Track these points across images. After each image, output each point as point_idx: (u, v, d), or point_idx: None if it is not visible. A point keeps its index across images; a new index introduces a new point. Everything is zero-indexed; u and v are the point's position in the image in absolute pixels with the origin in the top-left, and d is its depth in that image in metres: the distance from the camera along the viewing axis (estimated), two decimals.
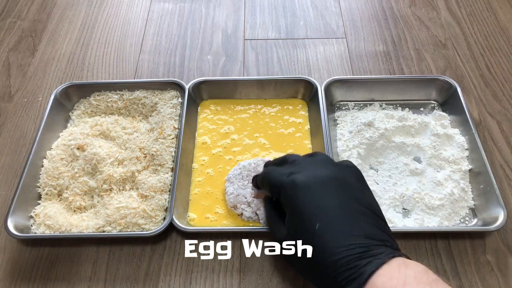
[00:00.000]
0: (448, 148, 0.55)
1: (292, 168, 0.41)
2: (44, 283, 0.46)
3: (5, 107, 0.63)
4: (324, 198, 0.37)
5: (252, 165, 0.51)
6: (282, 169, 0.42)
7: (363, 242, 0.34)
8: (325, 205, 0.37)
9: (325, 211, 0.36)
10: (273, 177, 0.42)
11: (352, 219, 0.36)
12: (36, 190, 0.52)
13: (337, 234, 0.35)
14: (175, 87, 0.61)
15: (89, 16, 0.77)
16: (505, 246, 0.48)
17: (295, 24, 0.75)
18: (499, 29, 0.72)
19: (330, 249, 0.34)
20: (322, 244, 0.35)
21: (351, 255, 0.34)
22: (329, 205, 0.37)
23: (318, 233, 0.35)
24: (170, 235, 0.49)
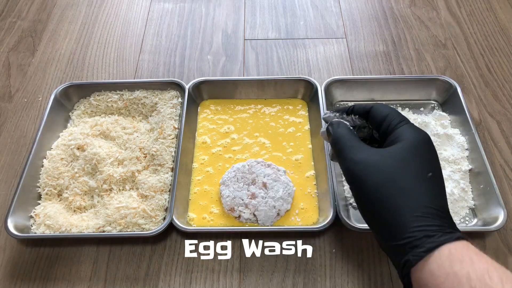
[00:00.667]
0: (448, 148, 0.55)
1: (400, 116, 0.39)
2: (44, 283, 0.46)
3: (5, 107, 0.63)
4: (432, 155, 0.36)
5: (246, 167, 0.51)
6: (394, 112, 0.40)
7: (435, 212, 0.33)
8: (435, 163, 0.36)
9: (434, 164, 0.35)
10: (390, 112, 0.39)
11: (419, 187, 0.34)
12: (36, 190, 0.52)
13: (420, 202, 0.33)
14: (175, 87, 0.61)
15: (89, 16, 0.77)
16: (505, 246, 0.48)
17: (295, 24, 0.75)
18: (499, 29, 0.72)
19: (406, 210, 0.33)
20: (429, 192, 0.34)
21: (423, 226, 0.32)
22: (436, 165, 0.36)
23: (431, 179, 0.34)
24: (170, 235, 0.49)
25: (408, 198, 0.33)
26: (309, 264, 0.47)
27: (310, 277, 0.46)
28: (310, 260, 0.47)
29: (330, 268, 0.47)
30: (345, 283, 0.46)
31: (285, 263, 0.47)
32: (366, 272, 0.46)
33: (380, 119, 0.39)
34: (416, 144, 0.36)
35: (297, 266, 0.47)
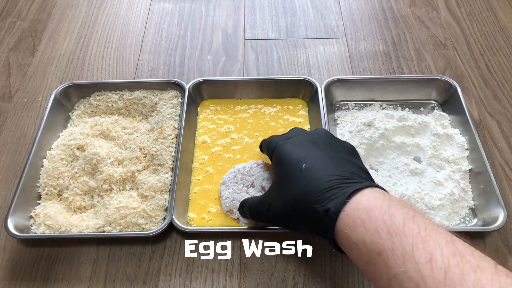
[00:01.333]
0: (448, 148, 0.55)
1: (289, 135, 0.45)
2: (44, 283, 0.46)
3: (5, 107, 0.63)
4: (312, 150, 0.40)
5: (246, 168, 0.51)
6: (281, 136, 0.47)
7: (348, 174, 0.36)
8: (312, 153, 0.39)
9: (311, 157, 0.39)
10: (271, 140, 0.47)
11: (338, 162, 0.38)
12: (36, 190, 0.52)
13: (322, 169, 0.37)
14: (175, 87, 0.61)
15: (89, 16, 0.77)
16: (505, 246, 0.48)
17: (295, 24, 0.75)
18: (499, 29, 0.72)
19: (315, 179, 0.36)
20: (307, 180, 0.36)
21: (334, 180, 0.35)
22: (315, 154, 0.39)
23: (304, 171, 0.37)
24: (170, 235, 0.49)
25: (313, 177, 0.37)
26: (309, 264, 0.47)
27: (310, 277, 0.46)
28: (310, 260, 0.47)
29: (330, 268, 0.47)
30: (345, 283, 0.46)
31: (285, 263, 0.47)
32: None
33: (265, 152, 0.48)
34: (281, 160, 0.41)
35: (297, 266, 0.47)
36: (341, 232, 0.33)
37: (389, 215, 0.30)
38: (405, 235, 0.29)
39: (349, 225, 0.32)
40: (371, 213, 0.31)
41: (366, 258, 0.31)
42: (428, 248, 0.28)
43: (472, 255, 0.27)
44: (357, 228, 0.31)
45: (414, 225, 0.29)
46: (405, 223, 0.30)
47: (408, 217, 0.30)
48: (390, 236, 0.29)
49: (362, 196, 0.33)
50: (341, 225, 0.33)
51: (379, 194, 0.33)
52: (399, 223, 0.30)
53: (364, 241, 0.31)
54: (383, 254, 0.29)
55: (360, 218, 0.31)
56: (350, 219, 0.32)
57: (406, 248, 0.28)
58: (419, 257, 0.27)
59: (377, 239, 0.30)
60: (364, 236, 0.31)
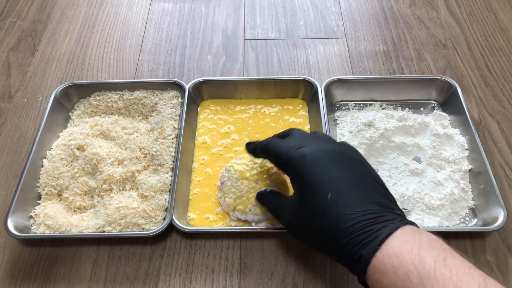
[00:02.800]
0: (448, 148, 0.55)
1: (297, 142, 0.41)
2: (44, 283, 0.46)
3: (5, 107, 0.63)
4: (334, 170, 0.37)
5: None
6: (287, 142, 0.43)
7: (376, 209, 0.34)
8: (336, 175, 0.37)
9: (336, 182, 0.36)
10: (279, 149, 0.42)
11: (363, 189, 0.36)
12: (36, 190, 0.52)
13: (350, 202, 0.35)
14: (175, 87, 0.61)
15: (89, 16, 0.77)
16: (505, 246, 0.48)
17: (295, 24, 0.75)
18: (499, 29, 0.72)
19: (344, 216, 0.34)
20: (335, 212, 0.35)
21: (365, 220, 0.33)
22: (339, 176, 0.37)
23: (331, 202, 0.35)
24: (170, 235, 0.49)
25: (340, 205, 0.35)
26: (309, 264, 0.47)
27: (310, 277, 0.46)
28: (310, 260, 0.47)
29: (330, 268, 0.47)
30: (345, 283, 0.46)
31: (285, 263, 0.47)
32: None
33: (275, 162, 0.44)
34: (304, 183, 0.38)
35: (297, 266, 0.47)
36: (372, 277, 0.32)
37: (419, 259, 0.30)
38: (437, 280, 0.28)
39: (380, 271, 0.31)
40: (402, 258, 0.31)
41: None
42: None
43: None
44: (388, 273, 0.31)
45: (446, 269, 0.29)
46: (436, 267, 0.29)
47: (439, 260, 0.30)
48: (421, 282, 0.29)
49: (394, 240, 0.32)
50: (372, 271, 0.32)
51: (410, 236, 0.32)
52: (429, 267, 0.29)
53: (395, 286, 0.30)
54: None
55: (391, 263, 0.31)
56: (381, 265, 0.32)
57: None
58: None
59: (407, 284, 0.29)
60: (395, 282, 0.30)
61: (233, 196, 0.48)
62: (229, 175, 0.49)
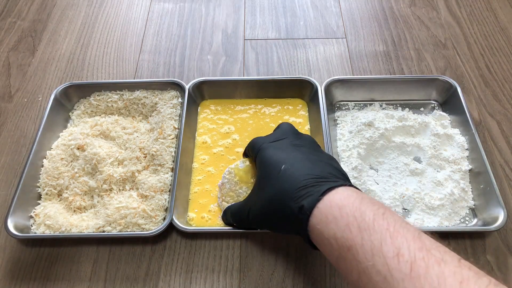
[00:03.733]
0: (448, 148, 0.55)
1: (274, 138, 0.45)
2: (44, 283, 0.46)
3: (5, 107, 0.63)
4: (293, 153, 0.41)
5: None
6: (266, 137, 0.47)
7: (325, 174, 0.37)
8: (292, 155, 0.41)
9: (291, 158, 0.40)
10: (255, 142, 0.46)
11: (314, 163, 0.39)
12: (36, 190, 0.52)
13: (300, 171, 0.38)
14: (175, 87, 0.61)
15: (89, 16, 0.77)
16: (505, 246, 0.48)
17: (295, 24, 0.75)
18: (499, 29, 0.72)
19: (292, 179, 0.37)
20: (285, 178, 0.38)
21: (310, 179, 0.36)
22: (296, 155, 0.41)
23: (283, 171, 0.38)
24: (170, 235, 0.49)
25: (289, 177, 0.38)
26: (309, 264, 0.47)
27: (310, 277, 0.46)
28: (310, 260, 0.47)
29: (330, 268, 0.47)
30: (345, 283, 0.46)
31: (285, 263, 0.47)
32: None
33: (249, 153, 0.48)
34: (263, 162, 0.42)
35: (297, 266, 0.47)
36: (314, 229, 0.34)
37: (360, 212, 0.32)
38: (375, 231, 0.30)
39: (322, 221, 0.33)
40: (343, 210, 0.32)
41: (337, 254, 0.32)
42: (396, 243, 0.29)
43: (437, 250, 0.28)
44: (329, 224, 0.33)
45: (384, 221, 0.31)
46: (375, 219, 0.31)
47: (378, 214, 0.31)
48: (360, 232, 0.30)
49: (336, 194, 0.34)
50: (314, 221, 0.34)
51: (352, 192, 0.34)
52: (369, 219, 0.31)
53: (335, 236, 0.32)
54: (353, 249, 0.30)
55: (332, 214, 0.33)
56: (323, 215, 0.33)
57: (375, 243, 0.29)
58: (387, 251, 0.29)
59: (347, 234, 0.31)
60: (335, 232, 0.32)
61: (230, 200, 0.48)
62: (230, 178, 0.49)
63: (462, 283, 0.26)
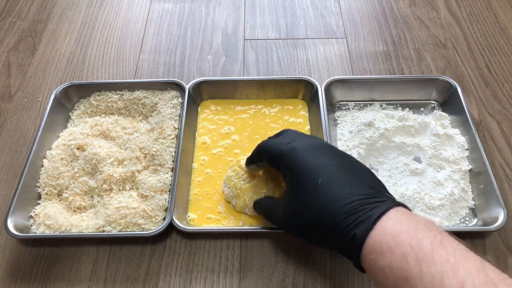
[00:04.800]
0: (448, 148, 0.55)
1: (288, 139, 0.42)
2: (44, 283, 0.46)
3: (5, 107, 0.63)
4: (323, 158, 0.38)
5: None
6: (279, 139, 0.43)
7: (366, 191, 0.34)
8: (325, 163, 0.37)
9: (326, 168, 0.37)
10: (271, 146, 0.43)
11: (352, 174, 0.36)
12: (36, 190, 0.52)
13: (340, 186, 0.35)
14: (175, 87, 0.61)
15: (89, 16, 0.77)
16: (505, 246, 0.48)
17: (295, 24, 0.75)
18: (499, 29, 0.72)
19: (334, 198, 0.34)
20: (326, 195, 0.35)
21: (356, 201, 0.33)
22: (329, 163, 0.37)
23: (321, 186, 0.35)
24: (170, 235, 0.49)
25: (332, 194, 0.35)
26: (309, 264, 0.47)
27: (310, 277, 0.46)
28: (310, 260, 0.47)
29: (330, 268, 0.47)
30: (345, 283, 0.46)
31: (285, 263, 0.47)
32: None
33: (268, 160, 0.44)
34: (295, 172, 0.38)
35: (297, 266, 0.47)
36: (367, 258, 0.32)
37: (416, 240, 0.29)
38: (434, 262, 0.28)
39: (376, 251, 0.31)
40: (398, 239, 0.30)
41: (393, 284, 0.30)
42: (458, 276, 0.27)
43: (503, 283, 0.26)
44: (384, 254, 0.30)
45: (443, 250, 0.29)
46: (433, 248, 0.29)
47: (436, 242, 0.29)
48: (418, 263, 0.28)
49: (388, 221, 0.32)
50: (367, 251, 0.32)
51: (404, 217, 0.32)
52: (427, 249, 0.29)
53: (391, 267, 0.30)
54: (410, 281, 0.28)
55: (386, 244, 0.30)
56: (376, 245, 0.31)
57: (435, 275, 0.27)
58: (449, 285, 0.27)
59: (404, 265, 0.29)
60: (391, 262, 0.30)
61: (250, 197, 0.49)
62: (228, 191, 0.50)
63: None
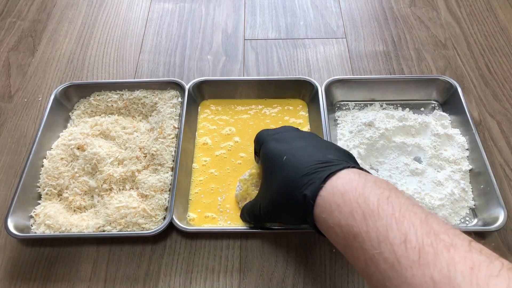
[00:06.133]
0: (449, 148, 0.55)
1: (277, 131, 0.46)
2: (44, 283, 0.46)
3: (5, 107, 0.63)
4: (296, 142, 0.41)
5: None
6: (270, 131, 0.47)
7: (326, 158, 0.36)
8: (295, 145, 0.40)
9: (292, 149, 0.40)
10: (260, 135, 0.47)
11: (317, 149, 0.38)
12: (36, 190, 0.52)
13: (302, 158, 0.37)
14: (175, 87, 0.61)
15: (89, 16, 0.77)
16: (505, 246, 0.48)
17: (295, 24, 0.75)
18: (499, 29, 0.72)
19: (295, 167, 0.36)
20: (288, 168, 0.37)
21: (312, 165, 0.35)
22: (299, 145, 0.40)
23: (285, 162, 0.38)
24: (170, 235, 0.49)
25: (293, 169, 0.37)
26: (309, 264, 0.47)
27: (310, 277, 0.46)
28: (310, 260, 0.47)
29: (330, 268, 0.47)
30: (345, 283, 0.46)
31: (285, 263, 0.47)
32: None
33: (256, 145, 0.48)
34: (266, 154, 0.42)
35: (297, 266, 0.47)
36: (319, 217, 0.33)
37: (363, 197, 0.31)
38: (380, 217, 0.29)
39: (326, 209, 0.32)
40: (346, 196, 0.31)
41: (343, 242, 0.31)
42: (402, 229, 0.28)
43: (446, 234, 0.27)
44: (333, 212, 0.32)
45: (388, 206, 0.30)
46: (379, 204, 0.30)
47: (382, 198, 0.30)
48: (365, 219, 0.29)
49: (338, 179, 0.33)
50: (319, 210, 0.33)
51: (355, 175, 0.33)
52: (373, 205, 0.30)
53: (340, 224, 0.31)
54: (358, 237, 0.30)
55: (335, 202, 0.32)
56: (326, 203, 0.32)
57: (380, 230, 0.28)
58: (393, 238, 0.28)
59: (352, 222, 0.30)
60: (339, 220, 0.31)
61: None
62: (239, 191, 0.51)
63: (473, 268, 0.25)
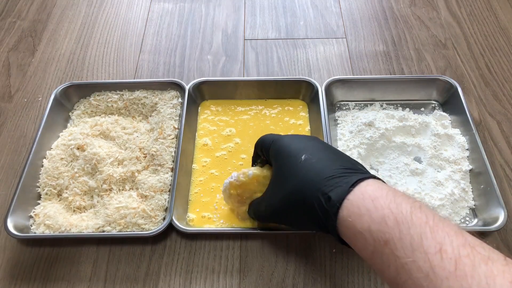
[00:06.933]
0: (449, 148, 0.55)
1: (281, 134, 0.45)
2: (44, 283, 0.46)
3: (5, 107, 0.63)
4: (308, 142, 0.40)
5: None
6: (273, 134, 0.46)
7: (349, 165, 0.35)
8: (312, 144, 0.39)
9: (309, 147, 0.38)
10: (266, 136, 0.45)
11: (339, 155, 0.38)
12: (36, 190, 0.52)
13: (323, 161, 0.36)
14: (175, 87, 0.61)
15: (89, 16, 0.77)
16: (505, 246, 0.48)
17: (295, 24, 0.75)
18: (499, 29, 0.72)
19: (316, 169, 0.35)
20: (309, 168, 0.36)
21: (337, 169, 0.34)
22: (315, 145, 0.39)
23: (304, 161, 0.36)
24: (169, 235, 0.49)
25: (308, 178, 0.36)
26: (309, 264, 0.47)
27: (310, 277, 0.46)
28: (310, 260, 0.47)
29: (330, 268, 0.47)
30: (345, 283, 0.46)
31: (285, 263, 0.47)
32: (366, 272, 0.46)
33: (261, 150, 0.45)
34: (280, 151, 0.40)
35: (297, 266, 0.47)
36: (345, 221, 0.32)
37: (395, 204, 0.30)
38: (413, 224, 0.28)
39: (354, 213, 0.31)
40: (377, 202, 0.30)
41: (372, 248, 0.30)
42: (437, 238, 0.27)
43: (481, 247, 0.27)
44: (362, 216, 0.30)
45: (422, 214, 0.29)
46: (413, 212, 0.29)
47: (415, 207, 0.30)
48: (398, 225, 0.28)
49: (367, 186, 0.32)
50: (345, 214, 0.32)
51: (384, 185, 0.33)
52: (406, 212, 0.29)
53: (370, 229, 0.30)
54: (390, 243, 0.28)
55: (365, 206, 0.31)
56: (355, 207, 0.31)
57: (414, 237, 0.27)
58: (428, 246, 0.27)
59: (383, 227, 0.29)
60: (370, 225, 0.30)
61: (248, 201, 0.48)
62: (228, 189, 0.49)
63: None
